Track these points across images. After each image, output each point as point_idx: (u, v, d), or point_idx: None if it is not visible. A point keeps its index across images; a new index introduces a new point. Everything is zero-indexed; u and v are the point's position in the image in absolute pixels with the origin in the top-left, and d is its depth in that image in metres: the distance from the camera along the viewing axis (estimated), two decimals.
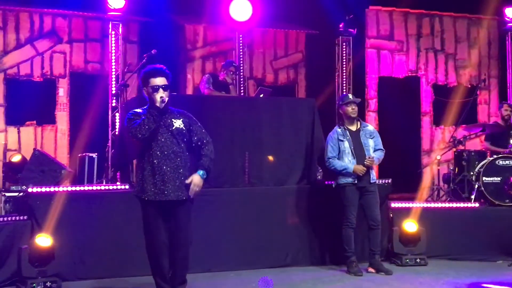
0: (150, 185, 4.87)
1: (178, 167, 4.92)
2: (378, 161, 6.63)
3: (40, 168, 7.77)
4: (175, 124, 4.97)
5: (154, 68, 5.01)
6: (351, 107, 6.61)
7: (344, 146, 6.54)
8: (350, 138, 6.55)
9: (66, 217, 6.14)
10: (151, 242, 4.98)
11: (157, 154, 4.88)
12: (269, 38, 10.71)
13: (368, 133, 6.65)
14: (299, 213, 7.03)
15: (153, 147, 4.88)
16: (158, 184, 4.86)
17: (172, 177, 4.87)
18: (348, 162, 6.48)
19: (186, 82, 10.07)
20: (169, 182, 4.86)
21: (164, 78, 4.96)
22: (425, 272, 6.66)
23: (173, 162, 4.89)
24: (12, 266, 5.86)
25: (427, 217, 7.25)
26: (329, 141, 6.63)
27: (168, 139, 4.91)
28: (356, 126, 6.66)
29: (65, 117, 9.43)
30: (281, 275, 6.44)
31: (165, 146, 4.89)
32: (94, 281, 6.13)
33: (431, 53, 10.96)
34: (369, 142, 6.60)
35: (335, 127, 6.75)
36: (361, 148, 6.54)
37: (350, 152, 6.51)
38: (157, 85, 4.91)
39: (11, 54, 9.19)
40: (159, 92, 4.88)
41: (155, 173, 4.86)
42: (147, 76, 4.96)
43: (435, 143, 10.80)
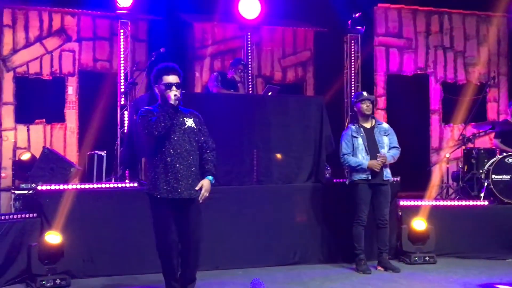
0: (163, 183, 4.87)
1: (191, 166, 4.93)
2: (393, 159, 6.59)
3: (49, 166, 7.81)
4: (187, 123, 4.98)
5: (167, 65, 5.02)
6: (365, 104, 6.60)
7: (358, 143, 6.53)
8: (364, 135, 6.54)
9: (75, 214, 6.17)
10: (161, 240, 4.98)
11: (170, 152, 4.88)
12: (277, 36, 10.70)
13: (383, 131, 6.64)
14: (307, 211, 7.03)
15: (166, 145, 4.88)
16: (171, 182, 4.86)
17: (185, 175, 4.88)
18: (362, 158, 6.47)
19: (195, 80, 10.08)
20: (182, 180, 4.87)
21: (177, 76, 4.98)
22: (434, 270, 6.64)
23: (186, 160, 4.90)
24: (22, 264, 5.90)
25: (436, 215, 7.23)
26: (343, 138, 6.63)
27: (181, 137, 4.92)
28: (371, 123, 6.65)
29: (74, 115, 9.46)
30: (290, 273, 6.45)
31: (178, 144, 4.90)
32: (103, 278, 6.15)
33: (440, 50, 10.91)
34: (384, 139, 6.59)
35: (349, 124, 6.75)
36: (375, 145, 6.53)
37: (363, 149, 6.50)
38: (170, 83, 4.91)
39: (20, 53, 9.23)
40: (172, 90, 4.89)
41: (168, 171, 4.86)
42: (159, 74, 4.97)
43: (444, 141, 10.76)
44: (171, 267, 5.01)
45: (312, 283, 6.04)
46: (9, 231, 5.89)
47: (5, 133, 9.02)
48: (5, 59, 9.08)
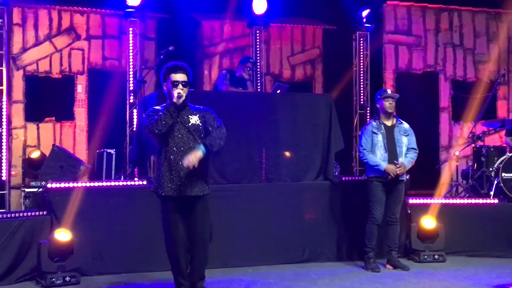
0: (167, 181, 4.89)
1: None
2: (411, 163, 6.57)
3: (59, 164, 7.86)
4: (191, 121, 4.97)
5: (176, 64, 5.02)
6: (388, 102, 6.58)
7: (377, 139, 6.51)
8: (384, 132, 6.53)
9: (85, 212, 6.19)
10: (169, 238, 5.00)
11: (174, 150, 4.89)
12: (286, 34, 10.69)
13: (403, 130, 6.62)
14: (316, 208, 7.03)
15: (169, 143, 4.90)
16: (175, 180, 4.87)
17: (189, 173, 4.87)
18: (380, 155, 6.47)
19: (203, 78, 10.10)
20: (186, 178, 4.87)
21: (185, 75, 4.97)
22: (443, 268, 6.62)
23: None
24: (31, 261, 5.92)
25: (445, 213, 7.20)
26: (364, 133, 6.62)
27: (185, 135, 4.92)
28: (392, 121, 6.63)
29: (84, 114, 9.50)
30: (299, 271, 6.45)
31: (182, 142, 4.90)
32: (112, 276, 6.17)
33: (450, 48, 10.87)
34: (403, 139, 6.57)
35: (370, 120, 6.74)
36: (394, 144, 6.52)
37: (382, 146, 6.49)
38: (177, 81, 4.92)
39: (30, 51, 9.27)
40: (178, 87, 4.89)
41: (171, 169, 4.88)
42: (168, 72, 4.98)
43: (454, 139, 10.72)
44: (179, 264, 5.02)
45: (321, 281, 6.03)
46: (19, 228, 5.92)
47: (15, 131, 9.07)
48: (15, 57, 9.12)
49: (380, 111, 6.64)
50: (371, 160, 6.47)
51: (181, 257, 4.99)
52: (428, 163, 10.14)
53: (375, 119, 6.67)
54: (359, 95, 10.10)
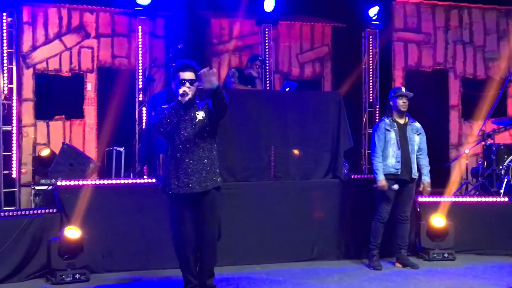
0: (174, 179, 4.92)
1: (202, 158, 4.94)
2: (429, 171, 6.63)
3: (68, 161, 7.89)
4: (198, 117, 5.00)
5: (184, 62, 5.05)
6: (402, 100, 6.58)
7: (390, 136, 6.51)
8: (397, 130, 6.52)
9: (94, 210, 6.22)
10: (177, 236, 5.01)
11: (180, 147, 4.92)
12: (295, 32, 10.67)
13: (415, 129, 6.62)
14: (325, 206, 7.02)
15: (176, 141, 4.93)
16: (181, 177, 4.89)
17: (196, 169, 4.90)
18: (393, 153, 6.46)
19: None
20: (193, 175, 4.89)
21: (193, 73, 4.98)
22: (453, 267, 6.60)
23: (196, 154, 4.92)
24: (42, 258, 5.96)
25: (455, 211, 7.18)
26: (376, 130, 6.61)
27: (191, 132, 4.94)
28: (404, 120, 6.63)
29: (93, 112, 9.53)
30: (307, 269, 6.45)
31: (188, 139, 4.92)
32: (122, 273, 6.20)
33: (460, 45, 10.82)
34: (415, 137, 6.57)
35: (383, 117, 6.74)
36: (406, 142, 6.52)
37: (395, 143, 6.48)
38: (184, 79, 4.94)
39: (40, 50, 9.31)
40: (185, 86, 4.90)
41: (178, 166, 4.90)
42: (176, 70, 5.00)
43: (464, 137, 10.67)
44: (187, 262, 5.03)
45: (330, 279, 6.03)
46: (29, 226, 5.96)
47: (25, 129, 9.12)
48: (25, 56, 9.16)
49: (393, 109, 6.63)
50: (375, 165, 6.46)
51: (189, 255, 5.01)
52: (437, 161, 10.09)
53: (388, 116, 6.66)
54: (368, 93, 10.07)
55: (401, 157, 6.46)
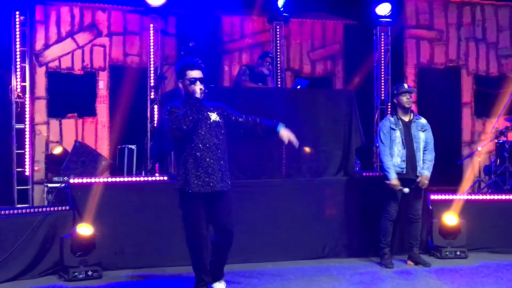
0: (193, 178, 4.88)
1: (220, 159, 4.97)
2: (432, 166, 6.52)
3: (81, 159, 7.95)
4: (211, 117, 5.01)
5: (191, 61, 5.05)
6: (406, 97, 6.53)
7: (395, 135, 6.48)
8: (402, 128, 6.49)
9: (107, 207, 6.25)
10: (193, 235, 4.99)
11: (199, 146, 4.90)
12: (306, 29, 10.66)
13: (420, 126, 6.57)
14: (336, 204, 7.01)
15: (194, 140, 4.90)
16: (202, 176, 4.88)
17: (215, 169, 4.92)
18: (398, 152, 6.43)
19: (223, 74, 10.11)
20: (213, 174, 4.90)
21: (200, 71, 4.99)
22: (465, 265, 6.56)
23: (215, 154, 4.94)
24: (54, 255, 6.00)
25: (467, 209, 7.13)
26: (382, 128, 6.57)
27: (208, 132, 4.94)
28: (409, 117, 6.59)
29: (105, 109, 9.57)
30: (319, 267, 6.44)
31: (206, 138, 4.92)
32: (134, 270, 6.22)
33: (472, 42, 10.75)
34: (420, 134, 6.52)
35: (387, 115, 6.71)
36: (411, 140, 6.48)
37: (400, 142, 6.45)
38: (194, 78, 4.94)
39: (52, 48, 9.37)
40: (197, 84, 4.91)
41: (198, 165, 4.89)
42: (184, 69, 4.99)
43: (476, 134, 10.61)
44: (202, 261, 5.05)
45: (342, 277, 6.02)
46: (42, 223, 6.00)
47: (38, 127, 9.18)
48: (37, 54, 9.22)
49: (397, 106, 6.60)
50: (385, 163, 6.42)
51: (203, 254, 5.02)
52: (450, 159, 10.06)
53: (393, 114, 6.63)
54: (380, 91, 10.03)
55: (406, 156, 6.42)
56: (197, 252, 5.03)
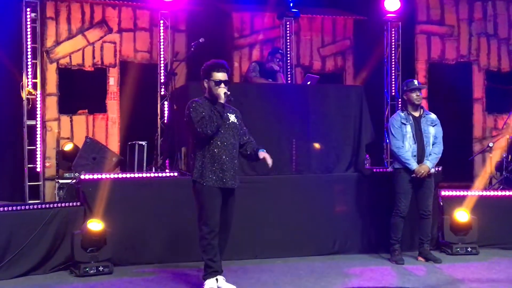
0: (209, 172, 5.08)
1: (234, 158, 5.20)
2: (436, 160, 6.51)
3: (91, 155, 7.98)
4: (230, 118, 5.23)
5: (218, 62, 5.21)
6: (416, 94, 6.52)
7: (406, 130, 6.47)
8: (413, 123, 6.48)
9: (117, 203, 6.27)
10: (207, 223, 5.07)
11: (218, 144, 5.11)
12: (316, 25, 10.62)
13: (430, 121, 6.56)
14: (346, 200, 7.00)
15: (214, 138, 5.10)
16: (217, 172, 5.09)
17: (229, 167, 5.13)
18: (409, 147, 6.42)
19: (233, 70, 10.10)
20: (227, 171, 5.11)
21: (226, 73, 5.17)
22: (476, 261, 6.54)
23: (231, 153, 5.16)
24: (66, 251, 6.03)
25: (478, 205, 7.10)
26: (393, 123, 6.56)
27: (226, 132, 5.16)
28: (419, 112, 6.58)
29: (116, 106, 9.59)
30: (329, 263, 6.44)
31: (224, 137, 5.14)
32: (145, 266, 6.25)
33: (484, 38, 10.68)
34: (430, 129, 6.51)
35: (397, 111, 6.70)
36: (421, 135, 6.47)
37: (411, 137, 6.44)
38: (220, 80, 5.13)
39: (63, 45, 9.39)
40: (221, 87, 5.09)
41: (214, 161, 5.09)
42: (210, 69, 5.16)
43: (488, 130, 10.55)
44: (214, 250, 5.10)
45: (352, 273, 6.02)
46: (53, 219, 6.04)
47: (49, 124, 9.21)
48: (48, 51, 9.25)
49: (407, 102, 6.58)
50: (403, 156, 6.40)
51: (216, 244, 5.14)
52: (461, 155, 10.01)
53: (403, 110, 6.61)
54: (390, 86, 9.99)
55: (417, 151, 6.41)
56: (210, 240, 5.08)
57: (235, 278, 5.46)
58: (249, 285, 5.46)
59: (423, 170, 6.35)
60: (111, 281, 5.72)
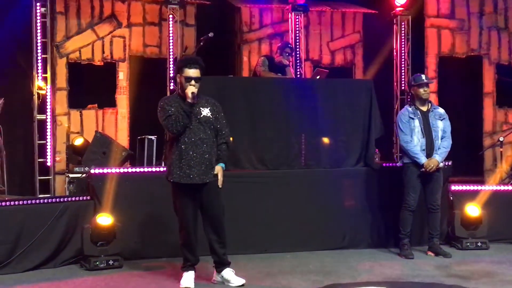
0: (176, 168, 5.11)
1: (204, 153, 5.15)
2: (445, 154, 6.48)
3: (101, 150, 8.00)
4: (203, 113, 5.18)
5: (191, 58, 5.30)
6: (423, 89, 6.50)
7: (414, 124, 6.45)
8: (421, 117, 6.46)
9: (127, 197, 6.30)
10: (181, 218, 5.23)
11: (185, 140, 5.11)
12: (325, 19, 10.58)
13: (438, 115, 6.54)
14: (356, 195, 6.99)
15: (181, 134, 5.11)
16: (184, 168, 5.10)
17: (198, 162, 5.11)
18: (417, 141, 6.40)
19: (243, 65, 10.09)
20: (194, 167, 5.10)
21: (198, 70, 5.14)
22: (486, 256, 6.52)
23: (200, 148, 5.13)
24: (76, 245, 6.07)
25: (488, 200, 7.07)
26: (401, 118, 6.55)
27: (196, 127, 5.13)
28: (427, 107, 6.56)
29: (125, 100, 9.60)
30: (338, 257, 6.44)
31: (192, 133, 5.11)
32: (154, 260, 6.27)
33: (494, 31, 10.60)
34: (438, 123, 6.49)
35: (405, 106, 6.68)
36: (429, 129, 6.45)
37: (420, 131, 6.43)
38: (190, 77, 5.11)
39: (72, 39, 9.40)
40: (191, 85, 5.08)
41: (182, 157, 5.10)
42: (182, 65, 5.18)
43: (498, 124, 10.49)
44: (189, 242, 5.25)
45: (361, 267, 6.01)
46: (64, 212, 6.07)
47: (59, 118, 9.24)
48: (58, 45, 9.27)
49: (415, 97, 6.56)
50: (412, 151, 6.38)
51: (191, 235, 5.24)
52: (471, 149, 9.97)
53: (410, 104, 6.60)
54: (400, 81, 9.95)
55: (426, 145, 6.40)
56: (184, 232, 5.22)
57: (243, 271, 5.47)
58: (258, 279, 5.47)
59: (432, 164, 6.33)
60: (121, 275, 5.75)
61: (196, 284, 5.27)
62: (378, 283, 5.35)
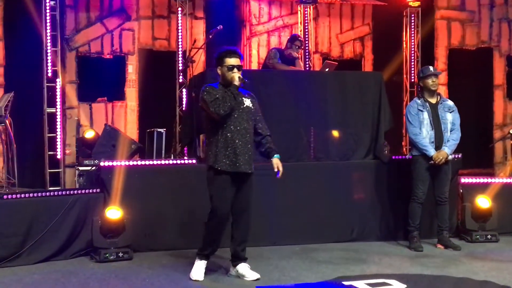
0: (222, 156, 5.10)
1: (248, 142, 5.18)
2: (454, 147, 6.45)
3: (111, 143, 8.03)
4: (245, 103, 5.23)
5: (230, 48, 5.26)
6: (431, 80, 6.47)
7: (423, 117, 6.43)
8: (430, 110, 6.43)
9: (136, 190, 6.32)
10: (218, 207, 5.14)
11: (231, 128, 5.12)
12: (335, 11, 10.55)
13: (447, 107, 6.51)
14: (365, 188, 6.98)
15: (227, 122, 5.12)
16: (230, 156, 5.10)
17: (243, 151, 5.12)
18: (426, 133, 6.39)
19: (252, 57, 10.09)
20: (240, 155, 5.10)
21: (238, 59, 5.21)
22: (496, 248, 6.50)
23: (244, 137, 5.15)
24: (86, 237, 6.09)
25: (498, 192, 7.04)
26: (410, 110, 6.52)
27: (240, 116, 5.16)
28: (436, 99, 6.53)
29: (134, 93, 9.64)
30: (347, 250, 6.44)
31: (237, 122, 5.14)
32: (164, 252, 6.29)
33: (505, 23, 10.53)
34: (447, 116, 6.46)
35: (414, 98, 6.66)
36: (438, 121, 6.42)
37: (428, 123, 6.40)
38: (232, 65, 5.16)
39: (82, 33, 9.44)
40: (235, 71, 5.13)
41: (227, 145, 5.10)
42: (223, 56, 5.20)
43: (509, 116, 10.43)
44: (214, 237, 5.21)
45: (370, 259, 6.01)
46: (74, 205, 6.10)
47: (69, 111, 9.29)
48: (68, 39, 9.31)
49: (423, 89, 6.53)
50: (421, 143, 6.36)
51: (220, 230, 5.21)
52: (481, 142, 9.93)
53: (419, 97, 6.57)
54: (410, 73, 9.92)
55: (435, 138, 6.37)
56: (214, 226, 5.17)
57: (253, 264, 5.47)
58: (267, 272, 5.48)
59: (441, 156, 6.31)
60: (131, 267, 5.77)
61: (206, 276, 5.28)
62: (387, 275, 5.34)
